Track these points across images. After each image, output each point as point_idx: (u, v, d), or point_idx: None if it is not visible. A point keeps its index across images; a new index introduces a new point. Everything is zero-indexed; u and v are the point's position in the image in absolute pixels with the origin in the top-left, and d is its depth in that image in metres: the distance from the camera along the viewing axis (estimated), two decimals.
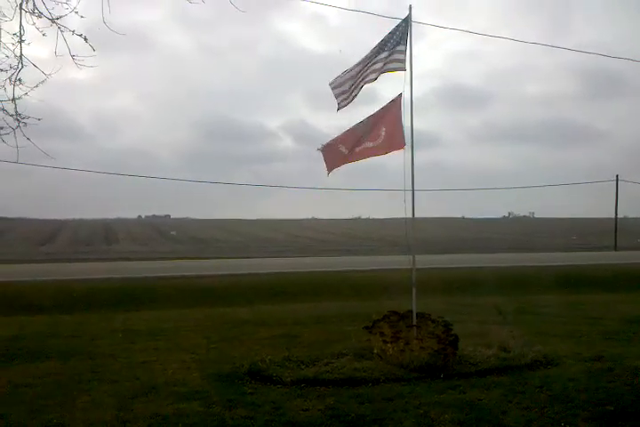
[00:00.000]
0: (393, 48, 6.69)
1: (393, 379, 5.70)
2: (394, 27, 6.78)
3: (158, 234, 65.37)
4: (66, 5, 8.89)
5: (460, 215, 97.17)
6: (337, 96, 6.91)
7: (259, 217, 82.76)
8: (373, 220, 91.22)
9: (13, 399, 5.23)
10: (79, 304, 12.95)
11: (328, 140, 7.09)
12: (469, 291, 14.74)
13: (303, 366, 6.12)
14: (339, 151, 6.92)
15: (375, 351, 6.40)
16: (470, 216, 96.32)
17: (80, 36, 6.96)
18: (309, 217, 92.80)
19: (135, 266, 26.51)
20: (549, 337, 7.90)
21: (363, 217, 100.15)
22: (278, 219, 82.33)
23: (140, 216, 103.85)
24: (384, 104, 6.84)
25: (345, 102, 6.88)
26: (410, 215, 6.68)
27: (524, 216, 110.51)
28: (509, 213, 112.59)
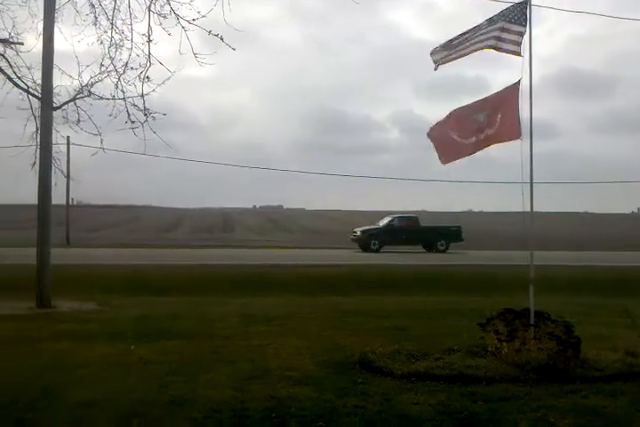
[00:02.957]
0: (507, 27, 6.34)
1: (508, 379, 5.50)
2: (508, 6, 6.43)
3: (271, 223, 67.58)
4: (189, 6, 9.44)
5: (581, 210, 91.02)
6: (435, 60, 6.66)
7: (370, 209, 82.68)
8: (485, 213, 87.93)
9: (144, 375, 5.65)
10: (200, 287, 13.75)
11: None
12: (593, 290, 13.86)
13: (413, 360, 6.07)
14: (452, 139, 6.70)
15: (489, 349, 6.21)
16: (594, 211, 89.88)
17: (216, 35, 7.33)
18: (419, 209, 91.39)
19: (251, 253, 27.68)
20: None
21: (475, 210, 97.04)
22: (389, 211, 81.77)
23: (254, 206, 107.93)
24: (490, 93, 6.57)
25: (442, 60, 6.62)
26: (528, 209, 6.38)
27: None
28: (638, 209, 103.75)
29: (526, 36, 6.31)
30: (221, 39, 7.51)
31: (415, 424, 4.37)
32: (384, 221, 33.61)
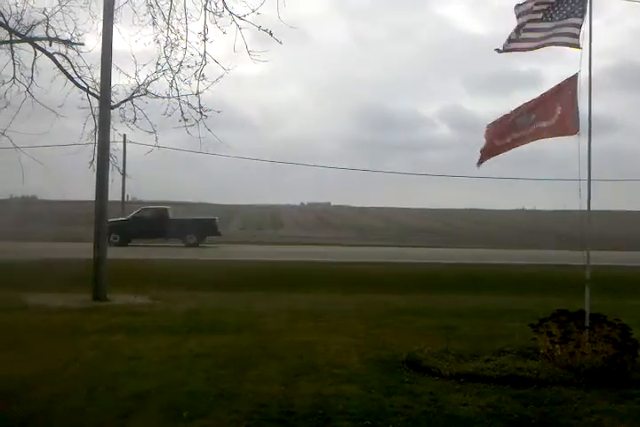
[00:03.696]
0: (564, 19, 6.14)
1: (561, 382, 5.34)
2: None
3: (319, 220, 67.83)
4: (243, 3, 9.56)
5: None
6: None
7: (416, 206, 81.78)
8: (538, 211, 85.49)
9: (194, 367, 5.77)
10: (248, 283, 13.93)
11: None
12: None
13: (462, 361, 5.98)
14: (491, 142, 6.58)
15: (541, 351, 6.05)
16: None
17: (265, 31, 7.45)
18: (468, 207, 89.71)
19: (299, 250, 27.89)
20: None
21: (527, 208, 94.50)
22: (436, 208, 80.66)
23: (302, 203, 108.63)
24: (546, 89, 6.37)
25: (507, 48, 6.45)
26: (585, 208, 6.17)
27: None
28: None
29: (585, 28, 6.11)
30: (270, 34, 7.62)
31: (463, 426, 4.30)
32: (132, 213, 31.49)
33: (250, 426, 4.18)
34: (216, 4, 9.73)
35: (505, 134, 6.49)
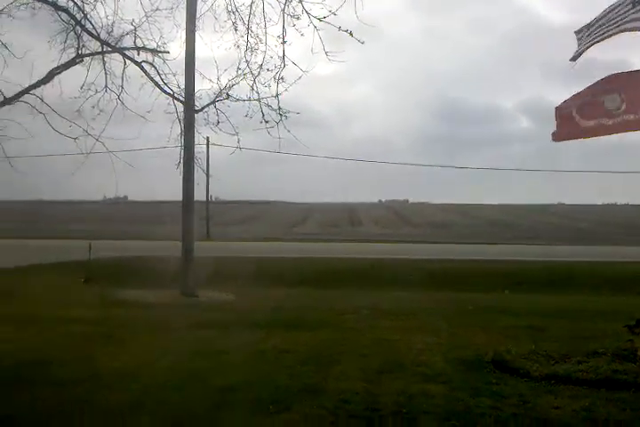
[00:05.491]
0: None
1: None
2: None
3: (397, 217, 67.27)
4: (320, 5, 9.62)
5: None
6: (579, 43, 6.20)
7: (498, 202, 79.27)
8: (632, 206, 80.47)
9: (277, 363, 5.90)
10: (330, 280, 14.05)
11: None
12: None
13: (552, 362, 5.74)
14: (571, 117, 6.24)
15: (639, 353, 5.72)
16: None
17: (345, 31, 7.47)
18: (555, 202, 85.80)
19: (378, 248, 27.78)
20: None
21: (619, 203, 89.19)
22: (519, 204, 77.87)
23: (380, 200, 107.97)
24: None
25: (580, 50, 6.14)
26: None
27: None
28: None
29: None
30: (350, 34, 7.61)
31: None
32: None
33: (335, 422, 4.22)
34: (294, 7, 9.86)
35: (591, 116, 6.13)
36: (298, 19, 9.44)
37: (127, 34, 11.78)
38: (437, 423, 4.19)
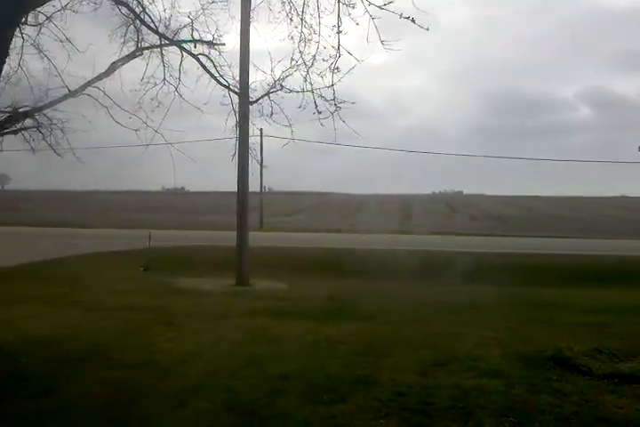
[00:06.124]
0: None
1: None
2: None
3: (450, 209, 66.14)
4: None
5: None
6: None
7: (556, 194, 76.52)
8: None
9: (331, 353, 5.91)
10: (382, 271, 13.92)
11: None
12: None
13: (617, 360, 5.53)
14: None
15: None
16: None
17: (407, 18, 7.33)
18: (618, 195, 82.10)
19: (432, 240, 27.37)
20: None
21: None
22: (578, 196, 74.94)
23: (433, 192, 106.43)
24: None
25: None
26: None
27: None
28: None
29: None
30: (413, 21, 7.41)
31: None
32: None
33: (389, 414, 4.20)
34: None
35: None
36: (353, 8, 9.32)
37: (184, 27, 11.94)
38: (495, 420, 4.10)
